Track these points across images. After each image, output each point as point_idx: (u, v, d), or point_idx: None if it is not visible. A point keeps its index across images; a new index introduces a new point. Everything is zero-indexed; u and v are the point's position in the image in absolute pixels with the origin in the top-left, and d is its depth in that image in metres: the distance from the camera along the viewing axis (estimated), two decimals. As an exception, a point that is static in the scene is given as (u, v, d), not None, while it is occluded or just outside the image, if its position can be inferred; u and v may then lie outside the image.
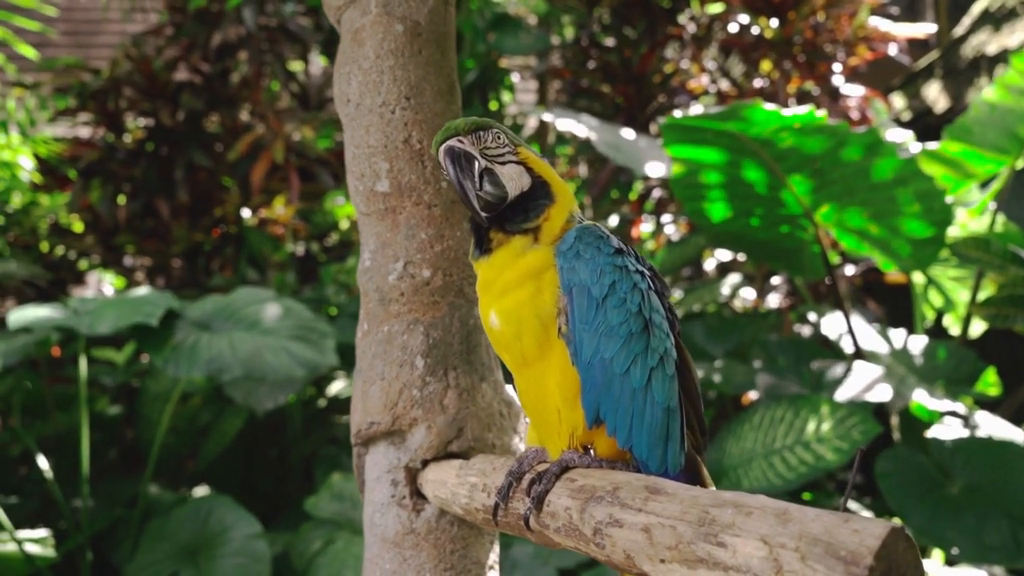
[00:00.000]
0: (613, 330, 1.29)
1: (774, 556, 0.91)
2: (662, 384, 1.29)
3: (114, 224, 6.38)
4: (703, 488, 1.09)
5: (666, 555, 1.03)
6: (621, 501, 1.12)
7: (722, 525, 0.98)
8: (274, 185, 6.57)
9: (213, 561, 3.71)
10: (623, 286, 1.31)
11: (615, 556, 1.11)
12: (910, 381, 4.45)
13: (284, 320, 4.08)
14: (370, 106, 1.69)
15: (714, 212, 4.35)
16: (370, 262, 1.72)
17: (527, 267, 1.34)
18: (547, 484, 1.26)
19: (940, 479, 3.80)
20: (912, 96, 7.55)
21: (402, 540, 1.65)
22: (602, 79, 6.38)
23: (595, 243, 1.32)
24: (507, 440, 1.69)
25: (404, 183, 1.69)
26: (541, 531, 1.26)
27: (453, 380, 1.66)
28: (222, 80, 6.58)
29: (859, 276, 6.07)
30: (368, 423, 1.67)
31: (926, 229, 4.19)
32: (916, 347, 4.86)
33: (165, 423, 4.30)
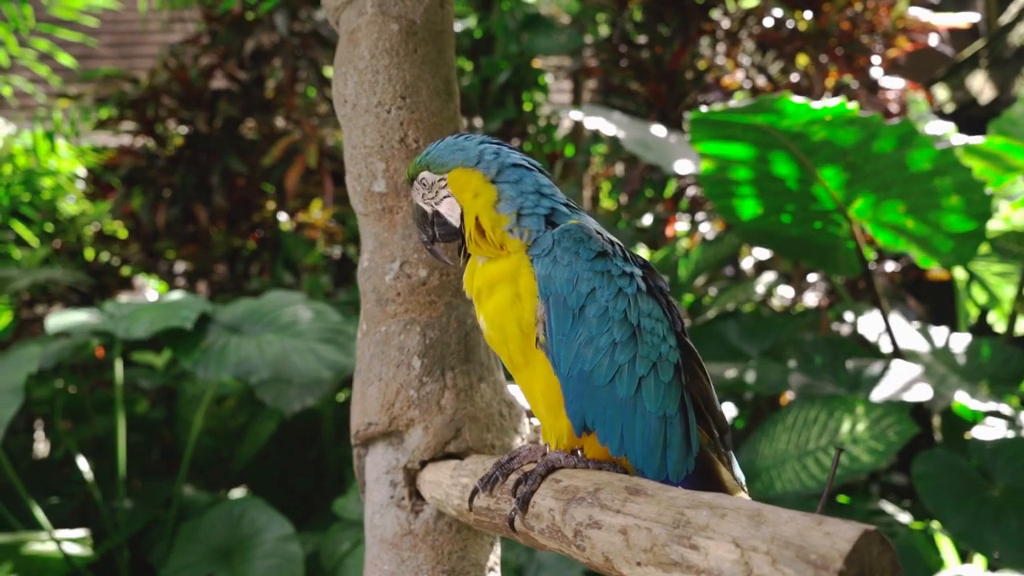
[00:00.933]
0: (593, 341, 1.24)
1: (745, 559, 0.88)
2: (655, 392, 1.24)
3: (154, 230, 6.50)
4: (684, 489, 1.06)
5: (642, 558, 1.01)
6: (601, 502, 1.10)
7: (696, 527, 0.95)
8: (310, 189, 6.64)
9: (247, 563, 3.75)
10: (604, 293, 1.25)
11: (595, 558, 1.09)
12: (951, 380, 4.33)
13: (313, 323, 4.11)
14: (366, 106, 1.69)
15: (744, 209, 4.28)
16: (368, 262, 1.72)
17: (498, 273, 1.31)
18: (532, 485, 1.24)
19: (981, 481, 3.68)
20: (956, 87, 7.36)
21: (400, 541, 1.64)
22: (634, 77, 6.33)
23: (573, 248, 1.27)
24: (508, 441, 1.67)
25: (401, 183, 1.68)
26: (526, 533, 1.24)
27: (450, 380, 1.64)
28: (258, 87, 6.67)
29: (899, 273, 5.93)
30: (366, 424, 1.66)
31: (966, 223, 4.07)
32: (959, 345, 4.73)
33: (198, 425, 4.36)
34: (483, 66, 6.56)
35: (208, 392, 4.40)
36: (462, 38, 6.68)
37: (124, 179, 6.46)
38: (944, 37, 6.31)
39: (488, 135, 1.43)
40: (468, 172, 1.35)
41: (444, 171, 1.37)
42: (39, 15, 6.51)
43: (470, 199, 1.35)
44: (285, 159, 6.31)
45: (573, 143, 7.09)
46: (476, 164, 1.35)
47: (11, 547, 3.88)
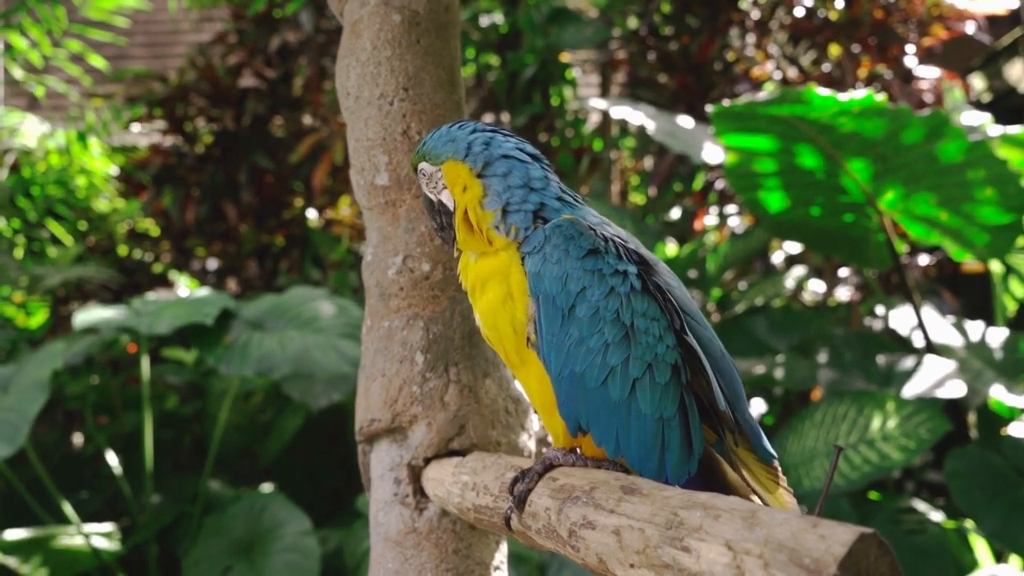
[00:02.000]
0: (584, 341, 1.19)
1: (737, 563, 0.85)
2: (650, 394, 1.19)
3: (184, 227, 6.57)
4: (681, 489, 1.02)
5: (635, 559, 0.97)
6: (595, 502, 1.06)
7: (689, 528, 0.92)
8: (338, 186, 6.66)
9: (266, 557, 3.76)
10: (595, 292, 1.20)
11: (589, 559, 1.05)
12: (987, 376, 4.22)
13: (335, 319, 4.11)
14: (368, 98, 1.66)
15: (771, 202, 4.20)
16: (372, 256, 1.70)
17: (489, 269, 1.29)
18: (529, 483, 1.20)
19: (1015, 479, 3.58)
20: (993, 76, 7.18)
21: (404, 539, 1.61)
22: (661, 69, 6.26)
23: (564, 245, 1.22)
24: (514, 438, 1.64)
25: (403, 176, 1.66)
26: (523, 531, 1.21)
27: (454, 376, 1.62)
28: (285, 84, 6.70)
29: (933, 266, 5.80)
30: (369, 420, 1.64)
31: (1002, 215, 3.95)
32: (995, 340, 4.60)
33: (223, 420, 4.39)
34: (509, 61, 6.53)
35: (232, 387, 4.42)
36: (488, 33, 6.66)
37: (155, 177, 6.53)
38: (981, 24, 6.14)
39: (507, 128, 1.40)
40: (457, 165, 1.32)
41: (439, 162, 1.34)
42: (72, 16, 6.60)
43: (459, 193, 1.32)
44: (312, 156, 6.34)
45: (601, 137, 7.03)
46: (464, 156, 1.32)
47: (40, 541, 3.93)
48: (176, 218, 6.49)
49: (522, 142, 1.35)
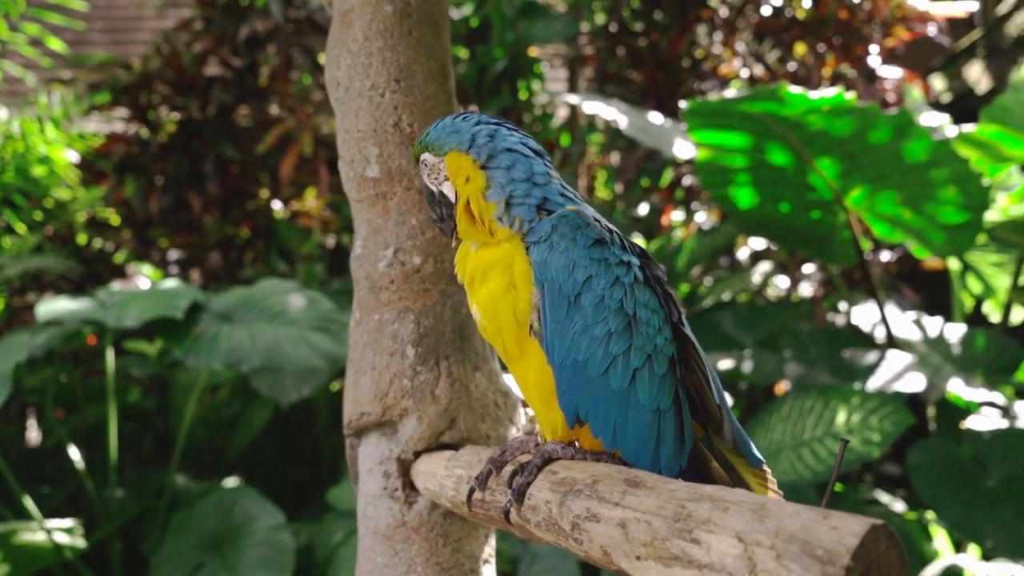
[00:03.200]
0: (588, 330, 1.21)
1: (748, 554, 0.86)
2: (648, 385, 1.21)
3: (147, 217, 6.46)
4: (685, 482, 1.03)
5: (642, 552, 0.98)
6: (599, 495, 1.07)
7: (698, 520, 0.93)
8: (304, 178, 6.59)
9: (238, 552, 3.72)
10: (601, 281, 1.22)
11: (593, 552, 1.06)
12: (946, 370, 4.32)
13: (306, 311, 4.07)
14: (359, 89, 1.65)
15: (741, 198, 4.25)
16: (361, 249, 1.68)
17: (490, 260, 1.29)
18: (528, 476, 1.21)
19: (976, 471, 3.68)
20: (953, 77, 7.33)
21: (393, 533, 1.61)
22: (630, 65, 6.29)
23: (571, 234, 1.24)
24: (502, 431, 1.65)
25: (394, 168, 1.65)
26: (522, 525, 1.22)
27: (445, 369, 1.61)
28: (251, 73, 6.61)
29: (895, 263, 5.91)
30: (359, 414, 1.63)
31: (962, 213, 4.04)
32: (954, 335, 4.72)
33: (190, 414, 4.33)
34: (479, 54, 6.51)
35: (200, 381, 4.36)
36: (458, 26, 6.64)
37: (116, 166, 6.40)
38: (942, 27, 6.27)
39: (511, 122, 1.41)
40: (461, 156, 1.32)
41: (442, 153, 1.34)
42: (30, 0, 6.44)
43: (462, 184, 1.32)
44: (279, 147, 6.26)
45: (569, 132, 7.05)
46: (468, 148, 1.32)
47: (1, 537, 3.85)
48: (139, 208, 6.38)
49: (525, 136, 1.35)
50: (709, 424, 1.27)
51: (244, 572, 3.65)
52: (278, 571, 3.61)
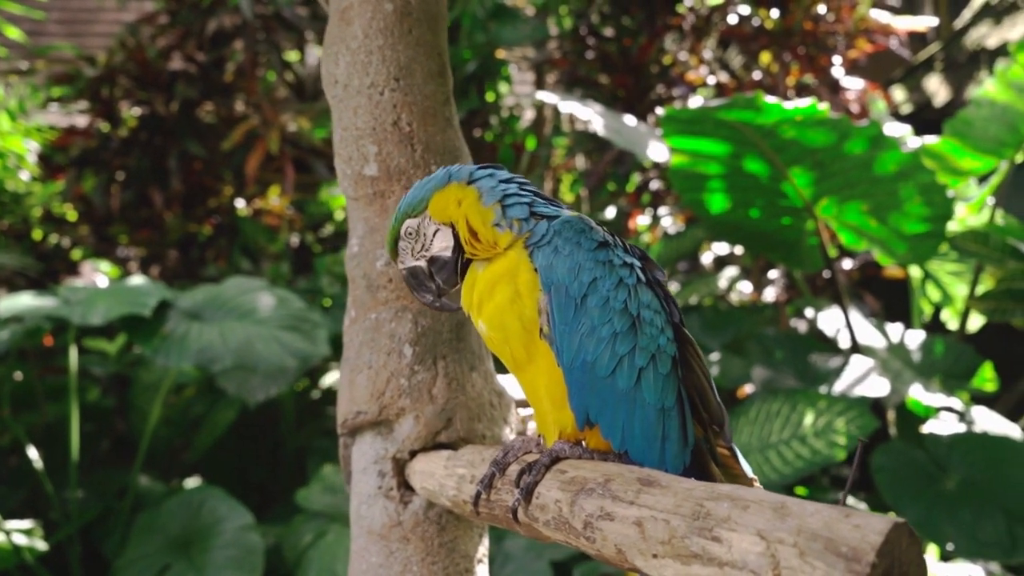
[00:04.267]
0: (595, 331, 1.23)
1: (771, 552, 0.87)
2: (653, 384, 1.24)
3: (107, 213, 6.33)
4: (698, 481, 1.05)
5: (659, 550, 0.99)
6: (612, 493, 1.08)
7: (717, 519, 0.94)
8: (267, 176, 6.52)
9: (206, 553, 3.67)
10: (606, 283, 1.25)
11: (606, 550, 1.07)
12: (906, 376, 4.42)
13: (276, 310, 4.03)
14: (358, 87, 1.64)
15: (713, 203, 4.30)
16: (358, 248, 1.68)
17: (496, 274, 1.31)
18: (536, 475, 1.22)
19: (936, 474, 3.77)
20: (912, 89, 7.51)
21: (389, 533, 1.60)
22: (600, 69, 6.34)
23: (575, 238, 1.27)
24: (497, 431, 1.65)
25: (393, 167, 1.64)
26: (530, 524, 1.22)
27: (442, 369, 1.61)
28: (217, 69, 6.52)
29: (856, 270, 6.03)
30: (354, 413, 1.62)
31: (926, 223, 4.14)
32: (913, 342, 4.82)
33: (156, 414, 4.26)
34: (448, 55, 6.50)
35: (167, 380, 4.29)
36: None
37: (75, 160, 6.27)
38: (903, 40, 6.42)
39: None
40: (445, 190, 1.36)
41: (423, 206, 1.37)
42: (-15, -12, 6.28)
43: (455, 209, 1.35)
44: (245, 144, 6.19)
45: (535, 135, 7.08)
46: (448, 180, 1.37)
47: (-42, 538, 3.75)
48: (99, 203, 6.25)
49: (490, 166, 1.41)
50: (710, 423, 1.29)
51: (212, 574, 3.59)
52: (247, 572, 3.57)
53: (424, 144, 1.64)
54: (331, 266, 5.87)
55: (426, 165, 1.65)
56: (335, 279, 5.86)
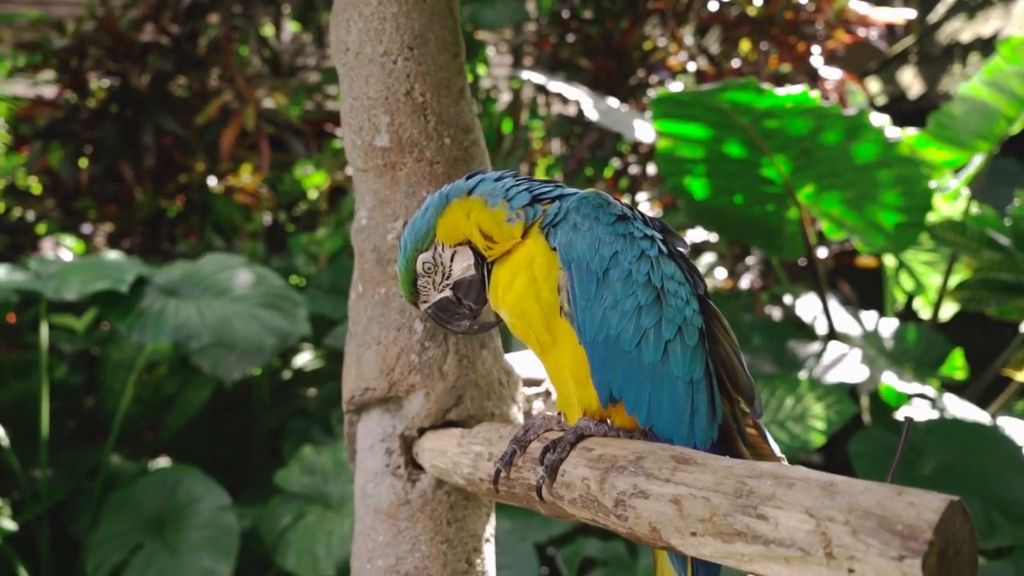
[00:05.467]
0: (618, 304, 1.22)
1: (822, 530, 0.86)
2: (681, 356, 1.22)
3: (75, 187, 6.18)
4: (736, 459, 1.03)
5: (698, 528, 0.98)
6: (646, 471, 1.06)
7: (761, 497, 0.93)
8: (241, 153, 6.40)
9: (180, 534, 3.60)
10: (627, 255, 1.24)
11: (639, 528, 1.06)
12: (880, 363, 4.47)
13: (255, 288, 3.96)
14: (370, 55, 1.60)
15: (697, 188, 4.31)
16: (367, 220, 1.64)
17: (514, 265, 1.30)
18: (562, 453, 1.20)
19: (913, 459, 3.82)
20: (887, 81, 7.58)
21: (397, 511, 1.58)
22: (581, 52, 6.31)
23: (593, 213, 1.26)
24: (506, 409, 1.63)
25: (405, 138, 1.60)
26: (554, 502, 1.20)
27: (453, 346, 1.59)
28: (190, 42, 6.38)
29: (831, 258, 6.09)
30: (362, 389, 1.59)
31: (906, 212, 4.19)
32: (887, 330, 4.89)
33: (129, 392, 4.17)
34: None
35: (140, 358, 4.20)
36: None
37: (42, 132, 6.10)
38: (881, 32, 6.47)
39: None
40: (448, 212, 1.35)
41: (431, 235, 1.35)
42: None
43: (466, 224, 1.33)
44: (219, 120, 6.06)
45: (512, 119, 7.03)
46: (447, 201, 1.35)
47: (-77, 517, 3.65)
48: (66, 177, 6.10)
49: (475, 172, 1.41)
50: (740, 397, 1.28)
51: (186, 554, 3.54)
52: (223, 554, 3.52)
53: (437, 116, 1.60)
54: (307, 246, 5.80)
55: (439, 137, 1.61)
56: (311, 259, 5.79)
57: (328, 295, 5.19)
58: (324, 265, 5.66)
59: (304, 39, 7.14)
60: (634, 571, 3.37)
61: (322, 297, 5.14)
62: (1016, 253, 4.15)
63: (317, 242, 5.84)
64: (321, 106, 7.06)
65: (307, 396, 5.29)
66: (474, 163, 1.65)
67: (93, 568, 3.57)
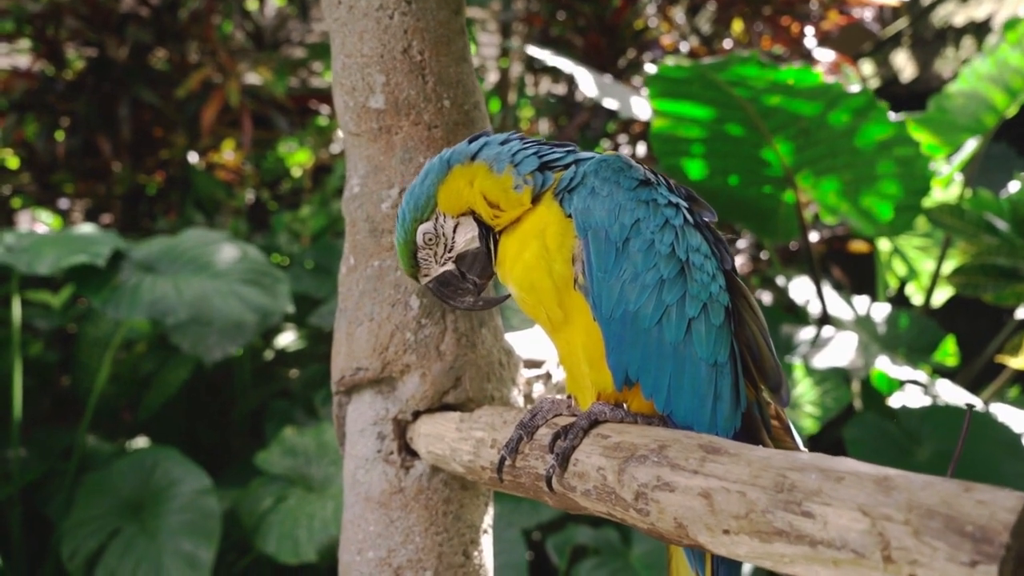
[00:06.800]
0: (638, 277, 1.11)
1: (878, 530, 0.77)
2: (705, 336, 1.12)
3: (51, 161, 6.00)
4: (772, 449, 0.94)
5: (732, 525, 0.88)
6: (671, 461, 0.97)
7: (806, 492, 0.83)
8: (222, 129, 6.24)
9: (159, 517, 3.49)
10: (650, 224, 1.13)
11: (662, 524, 0.96)
12: (873, 348, 4.41)
13: (237, 263, 3.83)
14: (365, 9, 1.48)
15: (692, 169, 4.21)
16: (359, 188, 1.52)
17: (524, 232, 1.20)
18: (574, 440, 1.10)
19: (909, 446, 3.77)
20: (880, 64, 7.51)
21: (389, 500, 1.47)
22: (572, 29, 6.19)
23: (613, 177, 1.15)
24: (506, 392, 1.53)
25: (402, 99, 1.49)
26: (565, 493, 1.10)
27: (451, 323, 1.48)
28: (171, 13, 6.19)
29: (822, 243, 6.03)
30: (354, 369, 1.48)
31: (906, 195, 4.11)
32: (879, 315, 4.83)
33: (105, 371, 4.04)
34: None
35: (117, 335, 4.07)
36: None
37: (16, 104, 5.91)
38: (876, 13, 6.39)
39: None
40: (449, 179, 1.24)
41: (432, 204, 1.25)
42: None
43: (469, 192, 1.23)
44: (200, 94, 5.90)
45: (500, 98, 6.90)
46: (449, 167, 1.25)
47: None
48: (42, 150, 5.92)
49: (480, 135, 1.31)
50: (765, 384, 1.18)
51: (166, 539, 3.43)
52: (204, 538, 3.41)
53: (436, 76, 1.49)
54: (290, 224, 5.67)
55: (438, 99, 1.49)
56: (293, 237, 5.67)
57: (311, 274, 5.08)
58: (307, 244, 5.54)
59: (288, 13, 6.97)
60: (627, 559, 3.29)
61: (305, 276, 5.02)
62: (1014, 238, 4.09)
63: (301, 220, 5.72)
64: (306, 83, 6.91)
65: (289, 377, 5.17)
66: (475, 128, 1.53)
67: (68, 555, 3.45)
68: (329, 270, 5.07)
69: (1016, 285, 4.15)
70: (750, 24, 6.12)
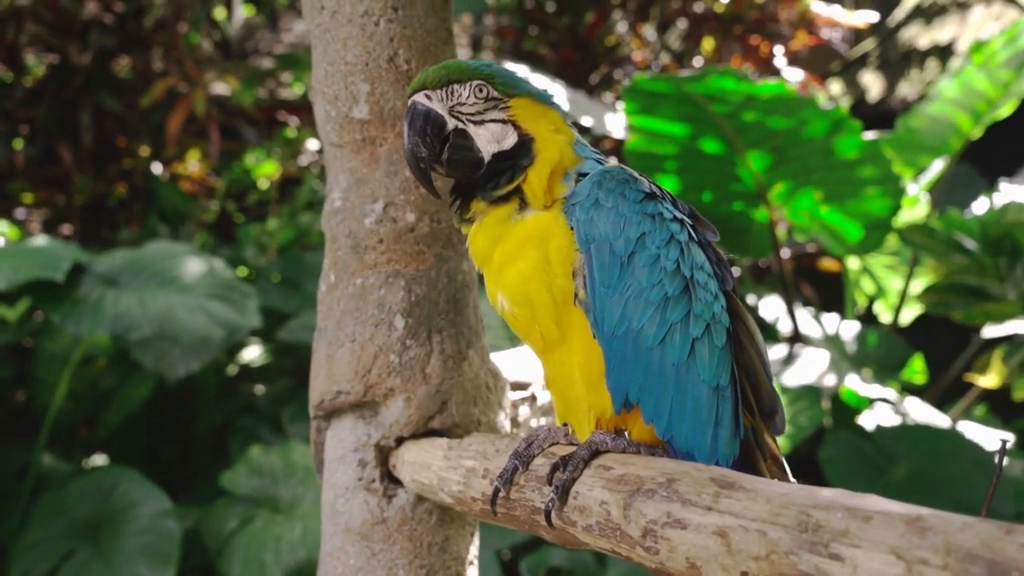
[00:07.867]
0: (643, 293, 1.06)
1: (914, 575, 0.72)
2: (709, 358, 1.07)
3: (9, 169, 5.84)
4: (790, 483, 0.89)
5: (751, 567, 0.83)
6: (681, 496, 0.91)
7: (833, 532, 0.78)
8: (188, 139, 6.12)
9: (116, 540, 3.36)
10: (655, 239, 1.08)
11: (673, 564, 0.90)
12: (843, 366, 4.42)
13: (203, 278, 3.73)
14: (349, 15, 1.41)
15: (666, 185, 4.18)
16: (341, 202, 1.45)
17: (525, 235, 1.12)
18: (574, 471, 1.03)
19: (884, 465, 3.76)
20: (848, 84, 7.60)
21: (371, 531, 1.40)
22: (545, 44, 6.17)
23: (619, 189, 1.10)
24: (493, 417, 1.46)
25: (387, 109, 1.42)
26: (564, 528, 1.04)
27: (437, 345, 1.41)
28: (135, 20, 6.07)
29: (791, 260, 6.05)
30: (334, 392, 1.41)
31: (878, 213, 4.13)
32: (848, 333, 4.85)
33: (63, 387, 3.90)
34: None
35: (77, 351, 3.93)
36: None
37: (-28, 110, 5.75)
38: (845, 35, 6.47)
39: None
40: (542, 106, 1.17)
41: (513, 92, 1.16)
42: None
43: (550, 133, 1.15)
44: (164, 103, 5.78)
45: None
46: (548, 102, 1.18)
47: None
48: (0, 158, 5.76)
49: None
50: (760, 410, 1.13)
51: (122, 563, 3.30)
52: (161, 562, 3.29)
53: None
54: (257, 237, 5.56)
55: (425, 110, 1.43)
56: (260, 250, 5.56)
57: (278, 288, 4.97)
58: (274, 257, 5.43)
59: (256, 23, 6.87)
60: (603, 582, 3.24)
61: (272, 289, 4.91)
62: (983, 257, 4.11)
63: (268, 233, 5.61)
64: (274, 94, 6.82)
65: (255, 393, 5.05)
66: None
67: (19, 577, 3.31)
68: (296, 284, 4.97)
69: (985, 304, 4.17)
70: (720, 43, 6.16)
